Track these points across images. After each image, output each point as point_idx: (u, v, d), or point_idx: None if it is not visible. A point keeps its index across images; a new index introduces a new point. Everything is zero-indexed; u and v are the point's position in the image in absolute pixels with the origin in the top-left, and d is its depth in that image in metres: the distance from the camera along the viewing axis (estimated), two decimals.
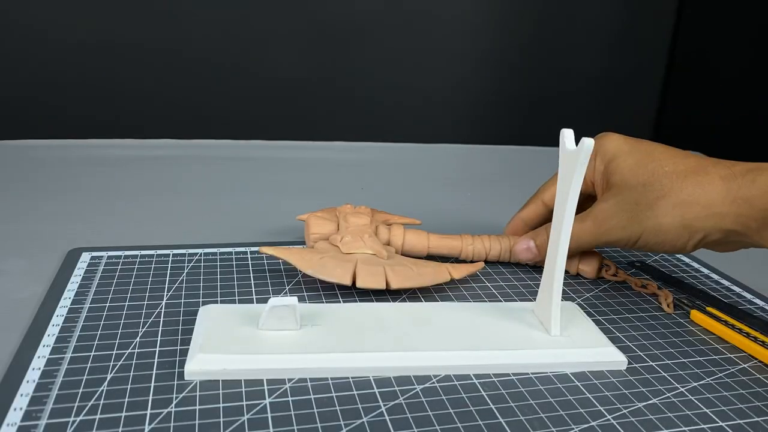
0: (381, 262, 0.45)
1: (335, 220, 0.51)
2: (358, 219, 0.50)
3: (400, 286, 0.44)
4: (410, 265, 0.46)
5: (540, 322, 0.41)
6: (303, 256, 0.45)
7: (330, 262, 0.45)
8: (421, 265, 0.46)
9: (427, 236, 0.50)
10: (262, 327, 0.38)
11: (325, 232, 0.49)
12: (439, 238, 0.50)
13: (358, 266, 0.44)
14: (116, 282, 0.45)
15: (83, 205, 0.62)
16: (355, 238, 0.47)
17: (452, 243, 0.50)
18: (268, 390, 0.34)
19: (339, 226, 0.50)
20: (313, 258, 0.45)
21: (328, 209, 0.53)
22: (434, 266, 0.46)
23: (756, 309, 0.48)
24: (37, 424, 0.30)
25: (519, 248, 0.50)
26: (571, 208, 0.37)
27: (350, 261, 0.45)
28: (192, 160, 0.79)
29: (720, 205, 0.41)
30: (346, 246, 0.47)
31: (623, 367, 0.38)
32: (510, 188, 0.77)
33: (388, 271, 0.44)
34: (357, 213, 0.51)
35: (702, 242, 0.43)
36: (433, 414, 0.33)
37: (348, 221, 0.50)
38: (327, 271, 0.44)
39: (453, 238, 0.51)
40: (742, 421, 0.34)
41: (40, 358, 0.35)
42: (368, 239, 0.47)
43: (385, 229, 0.50)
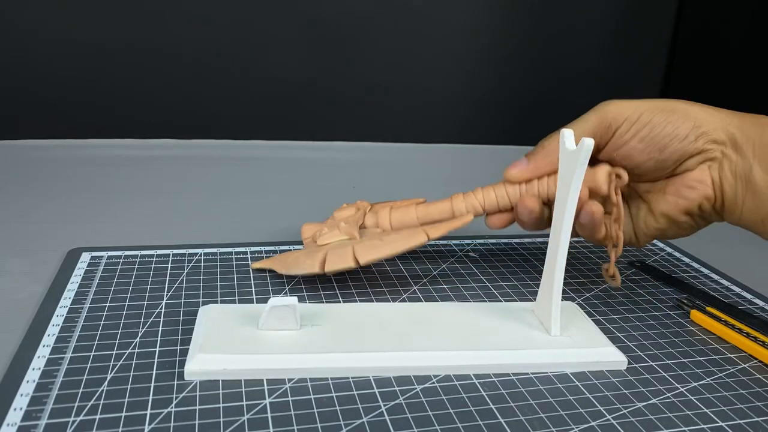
0: (350, 243, 0.45)
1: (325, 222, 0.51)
2: (343, 212, 0.50)
3: (368, 258, 0.43)
4: (381, 236, 0.45)
5: (540, 322, 0.41)
6: (282, 259, 0.47)
7: (302, 257, 0.45)
8: (392, 233, 0.46)
9: (414, 207, 0.48)
10: (262, 327, 0.38)
11: (313, 233, 0.50)
12: (426, 206, 0.48)
13: (328, 253, 0.44)
14: (116, 282, 0.45)
15: (83, 205, 0.62)
16: (332, 229, 0.47)
17: (441, 206, 0.47)
18: (268, 390, 0.34)
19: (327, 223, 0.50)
20: (289, 258, 0.46)
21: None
22: (410, 231, 0.45)
23: (756, 309, 0.48)
24: (37, 424, 0.30)
25: (508, 167, 0.46)
26: (571, 208, 0.37)
27: (321, 251, 0.45)
28: (192, 160, 0.79)
29: (727, 115, 0.42)
30: (321, 238, 0.47)
31: (623, 367, 0.38)
32: None
33: (356, 248, 0.44)
34: (343, 208, 0.51)
35: (704, 137, 0.42)
36: (433, 414, 0.33)
37: (333, 216, 0.50)
38: (298, 265, 0.45)
39: (441, 203, 0.48)
40: (742, 421, 0.34)
41: (40, 358, 0.35)
42: (344, 226, 0.47)
43: (372, 213, 0.49)
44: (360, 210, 0.50)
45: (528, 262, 0.53)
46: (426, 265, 0.52)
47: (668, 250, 0.58)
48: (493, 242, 0.57)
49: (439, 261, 0.52)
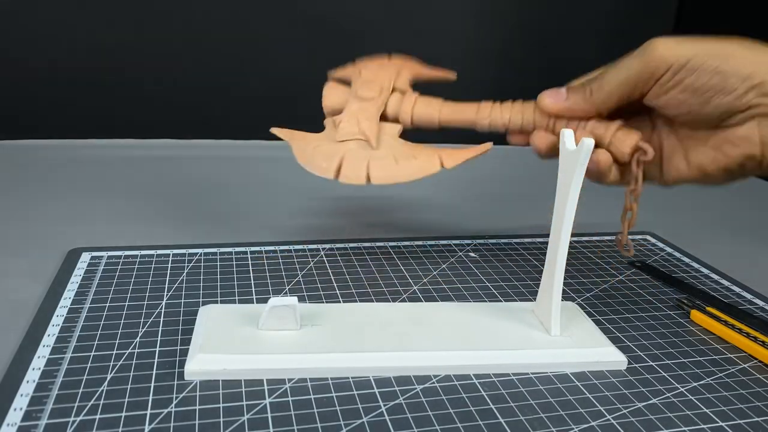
0: (367, 155, 0.44)
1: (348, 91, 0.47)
2: (366, 91, 0.46)
3: (381, 181, 0.43)
4: (398, 158, 0.44)
5: (540, 322, 0.41)
6: (303, 144, 0.45)
7: (320, 154, 0.44)
8: (410, 157, 0.44)
9: (440, 106, 0.46)
10: (262, 327, 0.38)
11: (335, 105, 0.47)
12: (452, 110, 0.46)
13: (345, 159, 0.43)
14: (116, 282, 0.45)
15: (83, 205, 0.62)
16: (351, 122, 0.45)
17: (466, 115, 0.45)
18: (268, 390, 0.34)
19: (352, 91, 0.47)
20: (308, 147, 0.45)
21: (355, 67, 0.50)
22: (425, 157, 0.44)
23: (756, 309, 0.48)
24: (37, 424, 0.30)
25: (545, 93, 0.43)
26: (571, 208, 0.37)
27: (338, 153, 0.44)
28: (192, 160, 0.79)
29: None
30: (340, 133, 0.45)
31: (623, 367, 0.38)
32: (510, 188, 0.77)
33: (372, 164, 0.43)
34: (368, 84, 0.47)
35: (756, 90, 0.38)
36: (433, 414, 0.33)
37: (357, 94, 0.46)
38: (315, 164, 0.44)
39: (468, 107, 0.45)
40: (742, 421, 0.34)
41: (40, 358, 0.35)
42: (363, 122, 0.45)
43: (397, 99, 0.46)
44: (383, 92, 0.46)
45: (528, 262, 0.53)
46: (426, 265, 0.52)
47: (668, 250, 0.58)
48: (493, 242, 0.57)
49: (439, 261, 0.52)
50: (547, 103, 0.43)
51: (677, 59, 0.38)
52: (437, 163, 0.43)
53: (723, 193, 0.81)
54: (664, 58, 0.38)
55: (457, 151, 0.44)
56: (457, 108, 0.46)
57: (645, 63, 0.39)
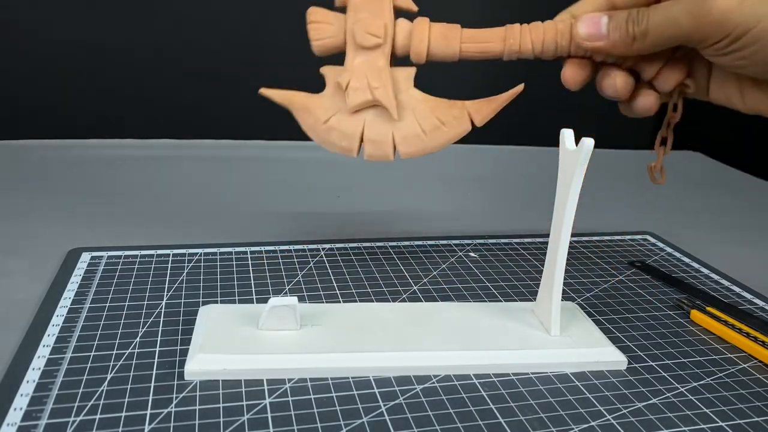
0: (390, 127, 0.40)
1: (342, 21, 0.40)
2: (368, 37, 0.39)
3: (410, 156, 0.40)
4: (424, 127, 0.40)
5: (540, 322, 0.41)
6: (309, 117, 0.40)
7: (335, 132, 0.40)
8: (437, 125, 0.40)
9: (460, 35, 0.40)
10: (262, 327, 0.38)
11: (329, 44, 0.40)
12: (475, 39, 0.40)
13: (366, 134, 0.40)
14: (116, 282, 0.45)
15: (83, 205, 0.62)
16: (361, 84, 0.39)
17: (492, 44, 0.40)
18: (268, 390, 0.34)
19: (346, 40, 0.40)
20: (318, 124, 0.40)
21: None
22: (452, 119, 0.40)
23: (756, 309, 0.48)
24: (37, 424, 0.30)
25: (585, 20, 0.38)
26: (571, 208, 0.37)
27: (357, 128, 0.40)
28: (192, 160, 0.79)
29: None
30: (351, 101, 0.39)
31: (623, 367, 0.38)
32: (510, 188, 0.77)
33: (398, 138, 0.40)
34: (366, 21, 0.39)
35: None
36: (433, 414, 0.33)
37: (357, 40, 0.39)
38: (332, 143, 0.40)
39: (493, 33, 0.40)
40: (742, 421, 0.34)
41: (40, 358, 0.35)
42: (375, 82, 0.39)
43: (405, 28, 0.40)
44: (388, 29, 0.39)
45: (528, 262, 0.53)
46: (426, 265, 0.52)
47: (668, 250, 0.58)
48: (493, 242, 0.57)
49: (439, 261, 0.52)
50: (583, 35, 0.38)
51: (737, 25, 0.32)
52: (467, 123, 0.40)
53: (723, 194, 0.81)
54: (721, 22, 0.32)
55: (485, 102, 0.39)
56: (481, 35, 0.40)
57: (697, 22, 0.33)
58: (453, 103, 0.40)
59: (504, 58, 0.40)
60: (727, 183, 0.87)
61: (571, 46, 0.39)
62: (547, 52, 0.39)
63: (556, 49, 0.39)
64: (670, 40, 0.36)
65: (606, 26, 0.37)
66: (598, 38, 0.37)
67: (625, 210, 0.70)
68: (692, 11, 0.33)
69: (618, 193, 0.75)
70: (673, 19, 0.34)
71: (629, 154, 0.93)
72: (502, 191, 0.75)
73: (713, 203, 0.76)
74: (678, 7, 0.34)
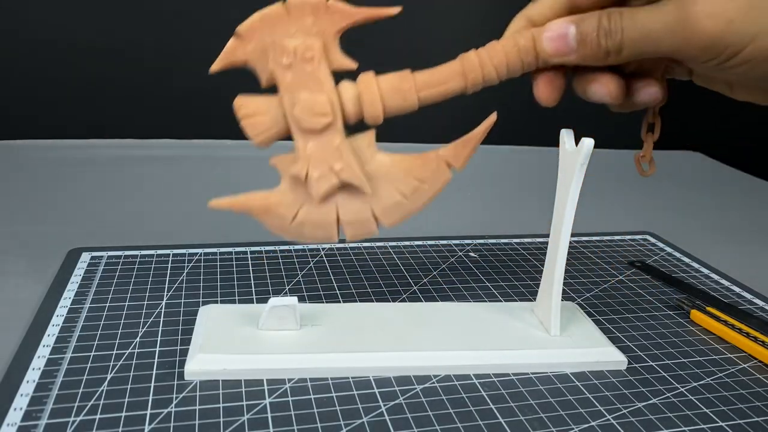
0: (367, 203, 0.36)
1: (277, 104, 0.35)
2: (313, 117, 0.34)
3: (395, 223, 0.37)
4: (403, 191, 0.36)
5: (540, 322, 0.41)
6: (274, 218, 0.37)
7: (308, 225, 0.36)
8: (415, 185, 0.36)
9: (413, 82, 0.35)
10: (262, 327, 0.38)
11: (271, 135, 0.36)
12: (431, 81, 0.35)
13: (342, 219, 0.36)
14: (116, 282, 0.45)
15: (83, 205, 0.62)
16: (321, 170, 0.35)
17: (452, 82, 0.35)
18: (268, 390, 0.34)
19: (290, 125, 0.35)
20: (285, 222, 0.36)
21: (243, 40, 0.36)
22: (430, 173, 0.36)
23: (756, 309, 0.48)
24: (37, 424, 0.30)
25: (549, 35, 0.33)
26: (571, 209, 0.37)
27: (330, 216, 0.36)
28: (192, 160, 0.79)
29: None
30: (317, 191, 0.35)
31: (623, 367, 0.38)
32: (510, 188, 0.77)
33: (378, 212, 0.36)
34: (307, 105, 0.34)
35: None
36: (433, 414, 0.33)
37: (301, 125, 0.34)
38: (309, 236, 0.37)
39: (449, 70, 0.35)
40: (742, 421, 0.34)
41: (40, 358, 0.35)
42: (338, 164, 0.35)
43: (350, 90, 0.35)
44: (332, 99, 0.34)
45: (528, 262, 0.53)
46: (426, 265, 0.52)
47: (668, 250, 0.58)
48: (493, 242, 0.57)
49: (439, 261, 0.52)
50: (550, 51, 0.33)
51: (727, 47, 0.29)
52: (447, 172, 0.36)
53: (723, 194, 0.81)
54: (708, 45, 0.29)
55: (460, 146, 0.36)
56: (437, 77, 0.35)
57: (680, 44, 0.30)
58: (426, 158, 0.36)
59: (468, 92, 0.36)
60: (727, 183, 0.86)
61: (538, 61, 0.35)
62: (514, 74, 0.35)
63: (522, 68, 0.35)
64: (650, 55, 0.32)
65: (573, 38, 0.33)
66: (566, 53, 0.33)
67: (625, 210, 0.70)
68: (675, 31, 0.30)
69: (618, 193, 0.75)
70: (654, 38, 0.31)
71: (629, 154, 0.93)
72: (502, 191, 0.75)
73: (713, 203, 0.76)
74: (657, 25, 0.30)
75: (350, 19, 0.34)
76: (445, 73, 0.35)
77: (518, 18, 0.36)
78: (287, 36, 0.34)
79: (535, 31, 0.34)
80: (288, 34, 0.34)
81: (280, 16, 0.34)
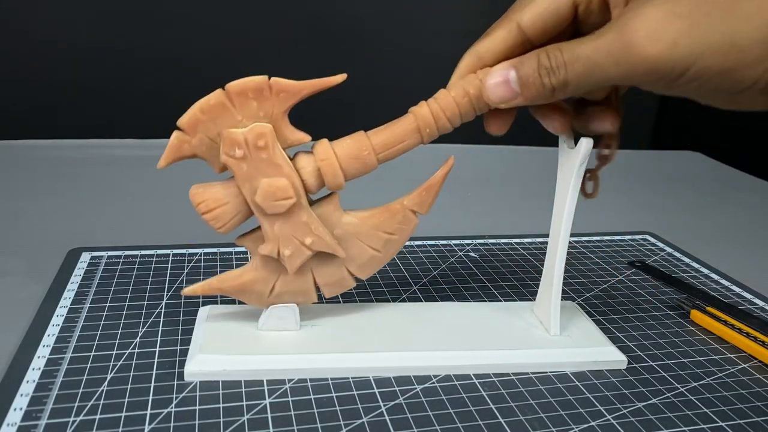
0: (341, 265, 0.37)
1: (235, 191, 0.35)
2: (273, 201, 0.34)
3: (370, 274, 0.38)
4: (374, 245, 0.37)
5: (540, 322, 0.41)
6: (245, 293, 0.37)
7: (286, 295, 0.37)
8: (385, 237, 0.37)
9: (369, 144, 0.35)
10: (262, 327, 0.38)
11: (235, 221, 0.36)
12: (386, 140, 0.35)
13: (318, 281, 0.37)
14: (116, 282, 0.45)
15: (83, 205, 0.62)
16: (291, 247, 0.35)
17: (407, 138, 0.35)
18: (268, 390, 0.34)
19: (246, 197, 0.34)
20: (261, 295, 0.37)
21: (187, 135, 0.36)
22: (397, 225, 0.37)
23: (756, 309, 0.48)
24: (37, 424, 0.30)
25: (491, 83, 0.33)
26: (570, 209, 0.37)
27: (307, 282, 0.37)
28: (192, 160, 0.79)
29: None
30: (291, 265, 0.36)
31: (623, 367, 0.38)
32: (510, 188, 0.77)
33: (353, 269, 0.37)
34: (265, 170, 0.33)
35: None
36: (433, 414, 0.33)
37: (264, 210, 0.34)
38: (287, 302, 0.38)
39: (401, 125, 0.35)
40: (742, 421, 0.34)
41: (40, 358, 0.35)
42: (314, 244, 0.35)
43: (309, 164, 0.34)
44: (292, 177, 0.34)
45: (528, 262, 0.53)
46: (426, 265, 0.52)
47: (668, 250, 0.58)
48: (493, 242, 0.57)
49: (439, 261, 0.52)
50: (495, 99, 0.33)
51: (672, 69, 0.29)
52: (414, 219, 0.37)
53: (723, 194, 0.81)
54: (653, 68, 0.29)
55: (423, 192, 0.37)
56: (392, 137, 0.35)
57: (625, 70, 0.29)
58: (392, 210, 0.37)
59: (425, 143, 0.36)
60: (727, 183, 0.86)
61: (490, 106, 0.34)
62: (467, 119, 0.35)
63: (475, 113, 0.35)
64: (596, 86, 0.31)
65: (516, 83, 0.32)
66: (511, 98, 0.33)
67: (625, 210, 0.70)
68: (620, 59, 0.29)
69: (618, 193, 0.75)
70: (599, 69, 0.30)
71: (629, 154, 0.93)
72: (502, 191, 0.75)
73: (713, 203, 0.76)
74: (600, 55, 0.30)
75: (297, 96, 0.33)
76: (400, 132, 0.35)
77: (467, 55, 0.35)
78: (234, 125, 0.33)
79: (482, 75, 0.34)
80: (234, 122, 0.33)
81: (222, 105, 0.33)
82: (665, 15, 0.28)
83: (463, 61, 0.36)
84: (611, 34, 0.29)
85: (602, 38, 0.30)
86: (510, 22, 0.34)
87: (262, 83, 0.32)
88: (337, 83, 0.33)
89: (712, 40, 0.28)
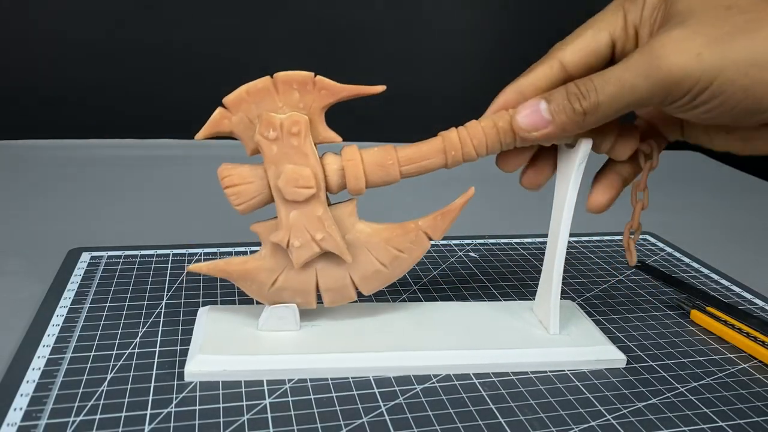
0: (346, 270, 0.37)
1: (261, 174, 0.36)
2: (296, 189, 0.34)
3: (374, 290, 0.38)
4: (382, 260, 0.38)
5: (539, 321, 0.41)
6: (248, 279, 0.37)
7: (286, 291, 0.37)
8: (394, 254, 0.37)
9: (396, 157, 0.35)
10: (262, 327, 0.38)
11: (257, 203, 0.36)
12: (413, 156, 0.36)
13: (321, 284, 0.38)
14: (116, 282, 0.45)
15: (83, 205, 0.62)
16: (302, 238, 0.35)
17: (433, 158, 0.36)
18: (268, 390, 0.34)
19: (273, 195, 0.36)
20: (263, 285, 0.37)
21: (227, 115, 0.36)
22: (409, 244, 0.38)
23: (756, 309, 0.48)
24: (37, 424, 0.30)
25: (522, 114, 0.34)
26: (570, 209, 0.37)
27: (310, 282, 0.37)
28: (192, 160, 0.79)
29: None
30: (297, 258, 0.36)
31: (622, 365, 0.38)
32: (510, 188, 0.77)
33: (357, 280, 0.38)
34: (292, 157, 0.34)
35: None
36: (433, 414, 0.33)
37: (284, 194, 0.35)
38: (286, 300, 0.38)
39: (430, 146, 0.36)
40: (742, 421, 0.34)
41: (40, 358, 0.35)
42: (324, 240, 0.36)
43: (334, 163, 0.35)
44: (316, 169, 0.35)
45: (528, 262, 0.53)
46: (426, 265, 0.52)
47: (668, 250, 0.58)
48: (493, 242, 0.57)
49: (439, 261, 0.52)
50: (525, 127, 0.34)
51: (698, 80, 0.30)
52: (426, 242, 0.38)
53: (723, 194, 0.81)
54: (680, 80, 0.30)
55: (439, 218, 0.38)
56: (419, 154, 0.36)
57: (655, 85, 0.30)
58: (406, 228, 0.38)
59: (448, 167, 0.37)
60: (727, 183, 0.86)
61: (516, 141, 0.35)
62: (493, 152, 0.37)
63: (501, 147, 0.36)
64: (627, 107, 0.32)
65: (546, 111, 0.33)
66: (543, 126, 0.33)
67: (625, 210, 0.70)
68: (648, 74, 0.30)
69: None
70: (629, 86, 0.31)
71: None
72: (502, 191, 0.75)
73: (713, 203, 0.76)
74: (629, 73, 0.31)
75: (336, 96, 0.34)
76: (426, 150, 0.36)
77: (509, 90, 0.36)
78: (274, 110, 0.34)
79: (512, 112, 0.35)
80: (275, 107, 0.34)
81: (267, 90, 0.34)
82: (690, 33, 0.30)
83: (501, 96, 0.36)
84: (639, 54, 0.31)
85: (631, 59, 0.31)
86: (552, 59, 0.35)
87: (308, 78, 0.34)
88: (375, 93, 0.35)
89: (735, 56, 0.29)
